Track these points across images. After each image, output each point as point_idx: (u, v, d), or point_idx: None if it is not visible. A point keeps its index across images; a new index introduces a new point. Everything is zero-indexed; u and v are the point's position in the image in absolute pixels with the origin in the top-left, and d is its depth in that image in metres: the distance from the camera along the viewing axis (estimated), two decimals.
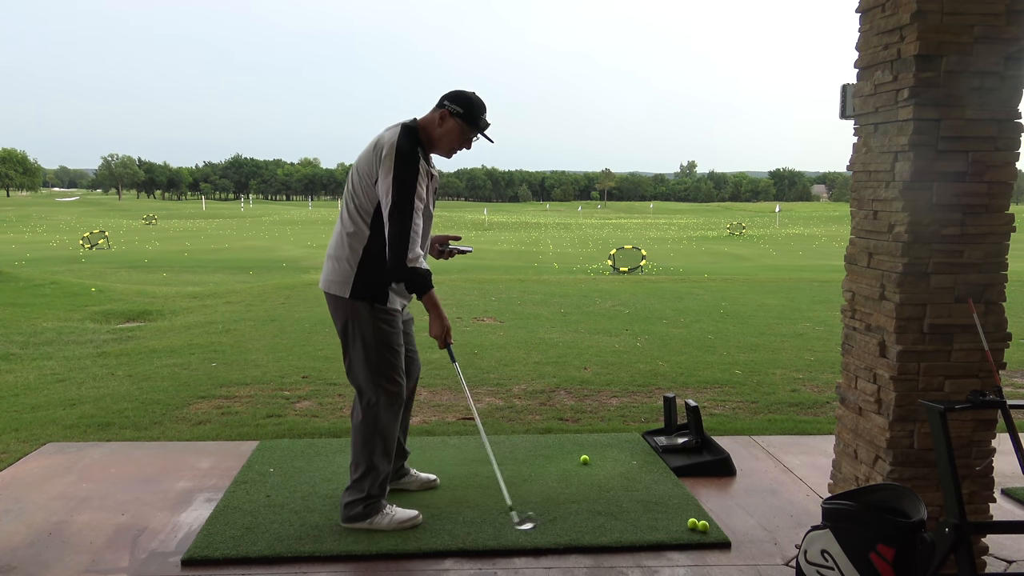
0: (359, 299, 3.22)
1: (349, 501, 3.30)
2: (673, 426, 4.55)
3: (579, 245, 33.67)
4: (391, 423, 3.31)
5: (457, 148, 3.33)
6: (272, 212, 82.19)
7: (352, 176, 3.27)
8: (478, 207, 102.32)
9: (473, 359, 6.78)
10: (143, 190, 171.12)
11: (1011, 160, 2.95)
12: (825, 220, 67.35)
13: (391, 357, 3.28)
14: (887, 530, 2.58)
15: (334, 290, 3.25)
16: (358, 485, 3.29)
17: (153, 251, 26.73)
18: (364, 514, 3.29)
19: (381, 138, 3.21)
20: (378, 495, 3.30)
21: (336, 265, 3.25)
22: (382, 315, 3.26)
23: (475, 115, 3.27)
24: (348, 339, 3.29)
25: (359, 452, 3.29)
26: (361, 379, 3.29)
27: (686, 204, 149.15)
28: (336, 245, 3.27)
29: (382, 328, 3.26)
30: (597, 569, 3.09)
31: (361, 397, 3.31)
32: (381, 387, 3.27)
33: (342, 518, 3.33)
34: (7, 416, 5.03)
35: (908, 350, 3.00)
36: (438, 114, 3.27)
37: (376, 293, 3.23)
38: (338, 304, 3.27)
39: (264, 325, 8.50)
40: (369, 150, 3.21)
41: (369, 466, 3.28)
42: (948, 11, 2.87)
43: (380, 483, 3.30)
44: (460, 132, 3.28)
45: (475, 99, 3.28)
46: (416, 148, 3.17)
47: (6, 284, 11.92)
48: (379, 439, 3.28)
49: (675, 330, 8.42)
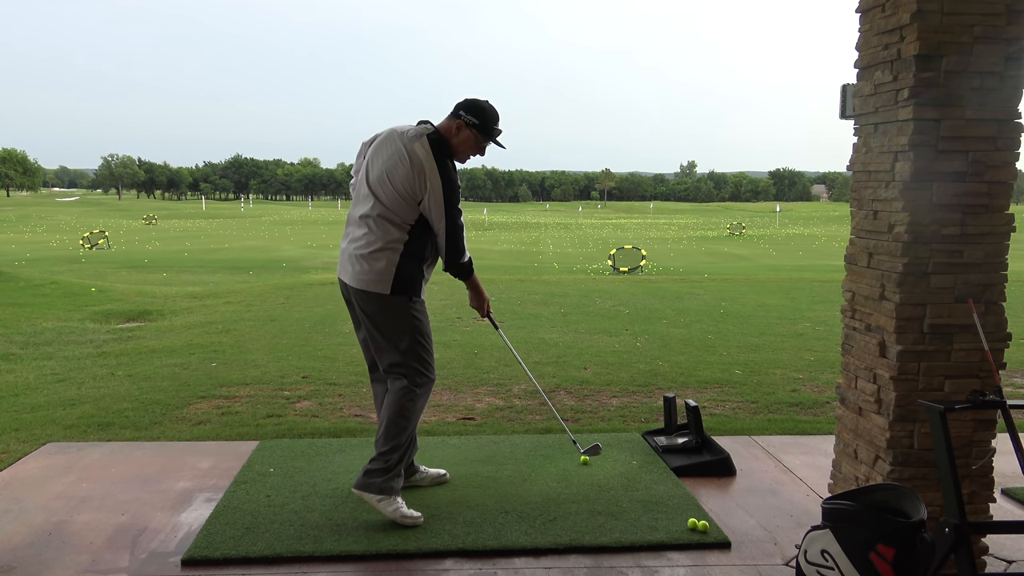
0: (398, 294, 3.36)
1: (372, 468, 3.40)
2: (673, 426, 4.55)
3: (579, 245, 33.68)
4: (421, 407, 3.51)
5: (472, 155, 3.53)
6: (272, 212, 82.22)
7: (379, 186, 3.34)
8: (478, 207, 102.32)
9: (473, 359, 6.78)
10: (143, 190, 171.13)
11: (1011, 160, 2.95)
12: (825, 220, 67.37)
13: (426, 343, 3.50)
14: (887, 530, 2.58)
15: (373, 288, 3.36)
16: (384, 457, 3.40)
17: (153, 251, 26.73)
18: (380, 487, 3.36)
19: (415, 156, 3.31)
20: (397, 472, 3.42)
21: (373, 265, 3.35)
22: (419, 307, 3.46)
23: (489, 126, 3.46)
24: (385, 331, 3.42)
25: (391, 428, 3.41)
26: (401, 367, 3.44)
27: (686, 204, 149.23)
28: (369, 245, 3.35)
29: (419, 319, 3.46)
30: (597, 569, 3.09)
31: (398, 383, 3.45)
32: (420, 373, 3.46)
33: (357, 483, 3.41)
34: (7, 416, 5.03)
35: (908, 350, 3.00)
36: (454, 124, 3.42)
37: (413, 287, 3.41)
38: (374, 300, 3.39)
39: (264, 325, 8.50)
40: (404, 168, 3.30)
41: (397, 443, 3.41)
42: (948, 11, 2.87)
43: (400, 459, 3.44)
44: (475, 141, 3.46)
45: (489, 109, 3.45)
46: (449, 160, 3.37)
47: (6, 284, 11.91)
48: (409, 421, 3.45)
49: (675, 330, 8.42)
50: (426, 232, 3.40)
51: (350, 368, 6.35)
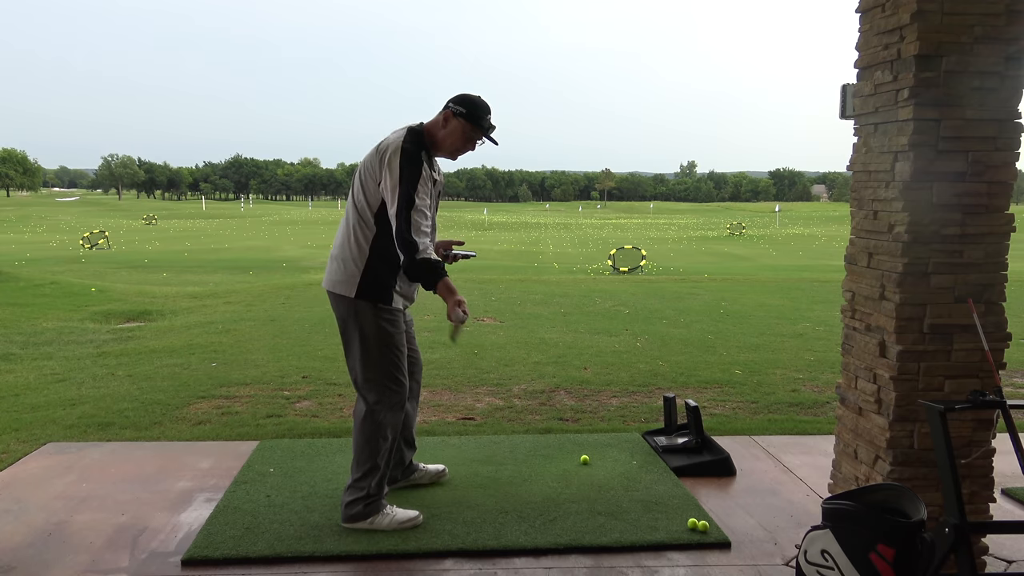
0: (364, 299, 3.24)
1: (350, 500, 3.31)
2: (673, 426, 4.55)
3: (579, 245, 33.67)
4: (393, 423, 3.33)
5: (461, 150, 3.35)
6: (272, 212, 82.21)
7: (356, 178, 3.30)
8: (478, 207, 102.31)
9: (473, 359, 6.78)
10: (143, 190, 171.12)
11: (1011, 160, 2.95)
12: (825, 220, 67.35)
13: (394, 358, 3.31)
14: (887, 530, 2.58)
15: (339, 289, 3.26)
16: (358, 484, 3.30)
17: (153, 251, 26.72)
18: (365, 513, 3.30)
19: (385, 141, 3.26)
20: (377, 494, 3.32)
21: (342, 265, 3.26)
22: (386, 315, 3.28)
23: (478, 115, 3.28)
24: (351, 338, 3.30)
25: (361, 451, 3.30)
26: (364, 379, 3.30)
27: (686, 204, 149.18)
28: (341, 246, 3.29)
29: (385, 328, 3.28)
30: (597, 569, 3.09)
31: (364, 397, 3.32)
32: (384, 387, 3.29)
33: (343, 518, 3.34)
34: (7, 416, 5.03)
35: (908, 350, 3.00)
36: (442, 115, 3.32)
37: (381, 293, 3.25)
38: (342, 303, 3.28)
39: (264, 325, 8.50)
40: (373, 152, 3.25)
41: (371, 466, 3.30)
42: (948, 11, 2.87)
43: (379, 482, 3.32)
44: (463, 133, 3.29)
45: (479, 100, 3.32)
46: (420, 151, 3.21)
47: (6, 284, 11.92)
48: (381, 439, 3.30)
49: (675, 330, 8.42)
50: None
51: None
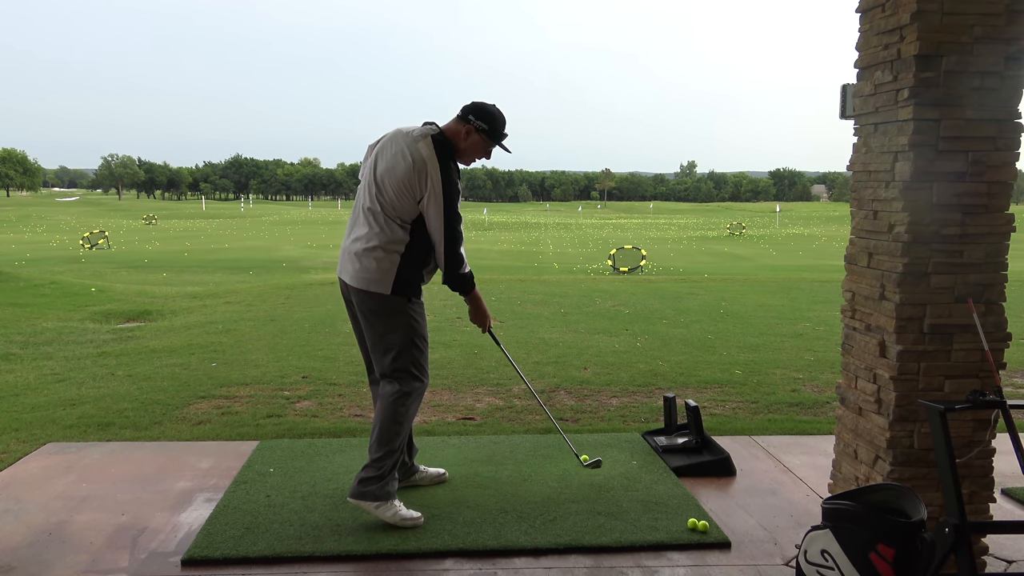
0: (399, 295, 3.36)
1: (366, 477, 3.37)
2: (673, 426, 4.55)
3: (579, 245, 33.68)
4: (413, 411, 3.48)
5: (478, 159, 3.55)
6: (272, 212, 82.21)
7: (384, 183, 3.33)
8: (478, 207, 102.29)
9: (473, 359, 6.78)
10: (143, 190, 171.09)
11: (1011, 160, 2.95)
12: (825, 220, 67.35)
13: (423, 348, 3.48)
14: (887, 530, 2.58)
15: (373, 287, 3.35)
16: (378, 463, 3.37)
17: (153, 251, 26.72)
18: (376, 494, 3.34)
19: (417, 153, 3.29)
20: (391, 477, 3.40)
21: (375, 263, 3.34)
22: (417, 308, 3.45)
23: (499, 130, 3.46)
24: (385, 332, 3.41)
25: (384, 434, 3.39)
26: (395, 369, 3.42)
27: (686, 204, 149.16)
28: (369, 241, 3.35)
29: (417, 321, 3.45)
30: (597, 569, 3.09)
31: (391, 386, 3.43)
32: (414, 376, 3.44)
33: (353, 492, 3.37)
34: (7, 416, 5.03)
35: (908, 350, 3.00)
36: (463, 129, 3.42)
37: (412, 289, 3.41)
38: (374, 299, 3.37)
39: (264, 325, 8.50)
40: (406, 166, 3.28)
41: (391, 448, 3.39)
42: (948, 11, 2.87)
43: (394, 464, 3.42)
44: (483, 145, 3.47)
45: (498, 114, 3.46)
46: (456, 167, 3.40)
47: (6, 284, 11.92)
48: (402, 426, 3.42)
49: (675, 330, 8.42)
50: (428, 233, 3.39)
51: (350, 368, 6.35)
